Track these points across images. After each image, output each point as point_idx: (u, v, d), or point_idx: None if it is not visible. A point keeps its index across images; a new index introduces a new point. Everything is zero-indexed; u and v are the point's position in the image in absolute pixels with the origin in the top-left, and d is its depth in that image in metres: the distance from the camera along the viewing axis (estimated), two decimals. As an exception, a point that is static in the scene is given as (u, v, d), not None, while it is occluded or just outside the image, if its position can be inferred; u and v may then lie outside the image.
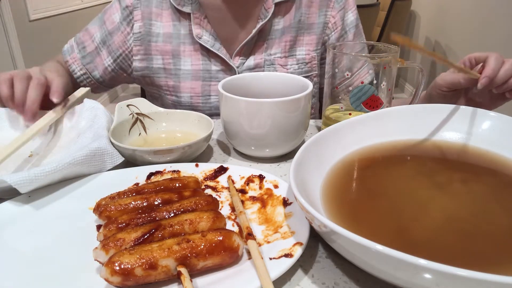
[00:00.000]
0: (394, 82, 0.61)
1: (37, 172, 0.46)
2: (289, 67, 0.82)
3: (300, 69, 0.82)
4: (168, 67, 0.81)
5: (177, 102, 0.83)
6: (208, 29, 0.79)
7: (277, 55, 0.81)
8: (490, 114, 0.53)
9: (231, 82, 0.61)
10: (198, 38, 0.78)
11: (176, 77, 0.81)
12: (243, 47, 0.79)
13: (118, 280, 0.34)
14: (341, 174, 0.48)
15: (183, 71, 0.81)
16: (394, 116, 0.55)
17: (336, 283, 0.37)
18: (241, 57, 0.81)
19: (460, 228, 0.39)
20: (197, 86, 0.81)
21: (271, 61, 0.81)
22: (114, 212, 0.43)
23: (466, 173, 0.48)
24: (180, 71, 0.81)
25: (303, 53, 0.82)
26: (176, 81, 0.82)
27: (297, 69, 0.82)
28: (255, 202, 0.47)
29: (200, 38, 0.78)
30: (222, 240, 0.37)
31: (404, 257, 0.28)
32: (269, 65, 0.81)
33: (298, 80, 0.62)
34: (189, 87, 0.81)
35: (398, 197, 0.44)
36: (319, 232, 0.37)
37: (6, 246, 0.41)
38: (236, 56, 0.80)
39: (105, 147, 0.53)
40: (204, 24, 0.79)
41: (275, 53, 0.81)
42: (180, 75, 0.81)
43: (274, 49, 0.81)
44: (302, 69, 0.82)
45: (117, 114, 0.62)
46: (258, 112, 0.54)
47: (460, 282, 0.27)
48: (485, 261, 0.35)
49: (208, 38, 0.79)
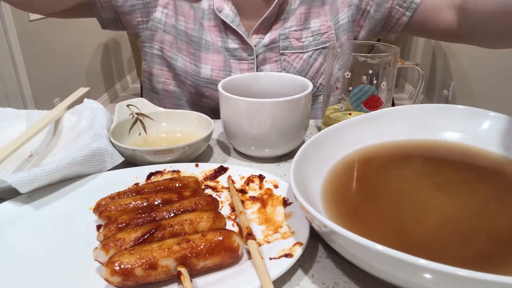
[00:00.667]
0: (394, 82, 0.61)
1: (37, 172, 0.46)
2: (304, 39, 0.79)
3: (316, 41, 0.79)
4: (190, 33, 0.77)
5: (196, 72, 0.78)
6: (229, 3, 0.76)
7: (292, 29, 0.78)
8: (490, 114, 0.53)
9: (231, 82, 0.61)
10: (219, 12, 0.75)
11: (197, 46, 0.77)
12: (262, 23, 0.77)
13: (118, 280, 0.34)
14: (341, 174, 0.48)
15: (205, 41, 0.77)
16: (394, 116, 0.55)
17: (336, 283, 0.37)
18: (259, 35, 0.78)
19: (460, 228, 0.39)
20: (219, 59, 0.78)
21: (285, 35, 0.78)
22: (114, 212, 0.43)
23: (466, 173, 0.48)
24: (202, 40, 0.77)
25: (318, 25, 0.79)
26: (197, 50, 0.77)
27: (313, 41, 0.79)
28: (255, 202, 0.47)
29: (220, 12, 0.75)
30: (222, 240, 0.37)
31: (404, 257, 0.28)
32: (284, 39, 0.78)
33: (298, 80, 0.62)
34: (210, 59, 0.77)
35: (398, 197, 0.44)
36: (319, 232, 0.37)
37: (6, 246, 0.41)
38: (254, 34, 0.78)
39: (105, 147, 0.53)
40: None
41: (290, 26, 0.78)
42: (202, 45, 0.77)
43: (290, 22, 0.78)
44: (318, 41, 0.79)
45: (117, 114, 0.62)
46: (258, 112, 0.54)
47: (460, 282, 0.27)
48: (485, 261, 0.35)
49: (229, 12, 0.76)
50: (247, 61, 0.78)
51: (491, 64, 2.09)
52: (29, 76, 2.35)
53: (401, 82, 3.55)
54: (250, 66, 0.79)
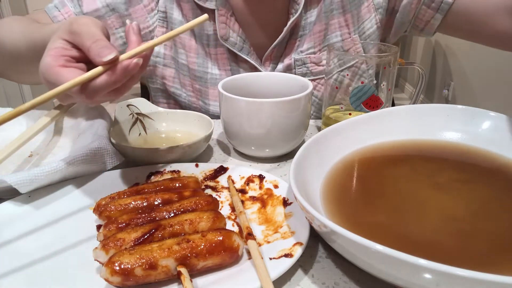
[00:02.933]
0: (394, 82, 0.61)
1: (37, 172, 0.46)
2: (324, 62, 0.68)
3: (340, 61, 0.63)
4: (193, 67, 0.70)
5: (204, 109, 0.71)
6: (235, 29, 0.67)
7: (309, 51, 0.69)
8: (490, 114, 0.53)
9: (231, 82, 0.61)
10: (224, 40, 0.67)
11: (203, 81, 0.70)
12: (274, 48, 0.69)
13: (118, 280, 0.34)
14: (341, 174, 0.48)
15: (211, 75, 0.69)
16: (394, 116, 0.55)
17: (336, 283, 0.37)
18: (272, 62, 0.70)
19: (460, 228, 0.39)
20: None
21: (302, 61, 0.69)
22: (114, 212, 0.43)
23: (466, 173, 0.48)
24: (207, 74, 0.69)
25: (339, 39, 0.69)
26: (203, 86, 0.70)
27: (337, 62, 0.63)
28: (255, 202, 0.47)
29: (226, 40, 0.67)
30: (222, 240, 0.37)
31: (404, 257, 0.28)
32: (300, 66, 0.69)
33: (298, 80, 0.62)
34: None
35: (398, 197, 0.44)
36: (319, 232, 0.37)
37: (6, 246, 0.41)
38: (267, 61, 0.70)
39: (105, 147, 0.53)
40: (231, 23, 0.66)
41: (308, 48, 0.69)
42: (208, 80, 0.69)
43: (306, 43, 0.69)
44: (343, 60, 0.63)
45: (117, 114, 0.62)
46: (258, 112, 0.54)
47: (460, 282, 0.27)
48: (485, 261, 0.35)
49: (236, 40, 0.67)
50: None
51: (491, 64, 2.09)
52: (29, 76, 2.34)
53: (401, 82, 3.54)
54: None
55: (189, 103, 0.73)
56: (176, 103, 0.76)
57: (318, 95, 0.73)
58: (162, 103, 0.78)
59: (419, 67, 0.55)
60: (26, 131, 0.58)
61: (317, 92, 0.72)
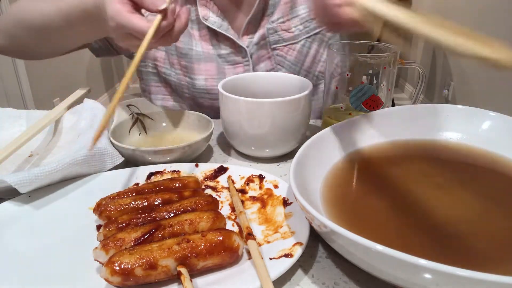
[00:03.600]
0: (394, 82, 0.61)
1: (37, 172, 0.46)
2: (294, 29, 0.76)
3: (307, 28, 0.76)
4: (179, 45, 0.77)
5: (190, 84, 0.78)
6: (214, 10, 0.75)
7: (279, 21, 0.75)
8: (490, 114, 0.53)
9: (231, 82, 0.61)
10: (205, 20, 0.74)
11: (188, 58, 0.77)
12: (250, 22, 0.75)
13: (118, 280, 0.34)
14: (341, 174, 0.48)
15: (196, 52, 0.76)
16: (394, 116, 0.55)
17: (336, 283, 0.37)
18: (249, 36, 0.76)
19: (460, 228, 0.39)
20: (211, 67, 0.77)
21: (274, 29, 0.75)
22: (114, 212, 0.43)
23: (466, 173, 0.48)
24: (192, 51, 0.76)
25: (306, 11, 0.76)
26: (189, 62, 0.77)
27: (303, 30, 0.75)
28: (255, 202, 0.47)
29: (206, 20, 0.74)
30: (222, 240, 0.37)
31: (404, 257, 0.28)
32: (273, 34, 0.76)
33: (298, 80, 0.62)
34: (203, 69, 0.77)
35: (398, 197, 0.44)
36: (319, 232, 0.37)
37: (6, 246, 0.41)
38: (244, 35, 0.76)
39: (105, 147, 0.53)
40: (210, 5, 0.75)
41: (277, 18, 0.75)
42: (193, 56, 0.77)
43: (276, 14, 0.75)
44: (309, 27, 0.76)
45: (117, 114, 0.62)
46: (258, 112, 0.54)
47: (460, 282, 0.27)
48: (485, 261, 0.35)
49: (215, 18, 0.75)
50: (242, 64, 0.78)
51: (491, 64, 2.09)
52: (29, 76, 2.34)
53: (401, 82, 3.54)
54: (246, 68, 0.78)
55: (178, 80, 0.80)
56: (166, 84, 0.82)
57: (291, 60, 0.78)
58: (154, 86, 0.83)
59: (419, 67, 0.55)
60: (26, 131, 0.58)
61: (290, 56, 0.78)
